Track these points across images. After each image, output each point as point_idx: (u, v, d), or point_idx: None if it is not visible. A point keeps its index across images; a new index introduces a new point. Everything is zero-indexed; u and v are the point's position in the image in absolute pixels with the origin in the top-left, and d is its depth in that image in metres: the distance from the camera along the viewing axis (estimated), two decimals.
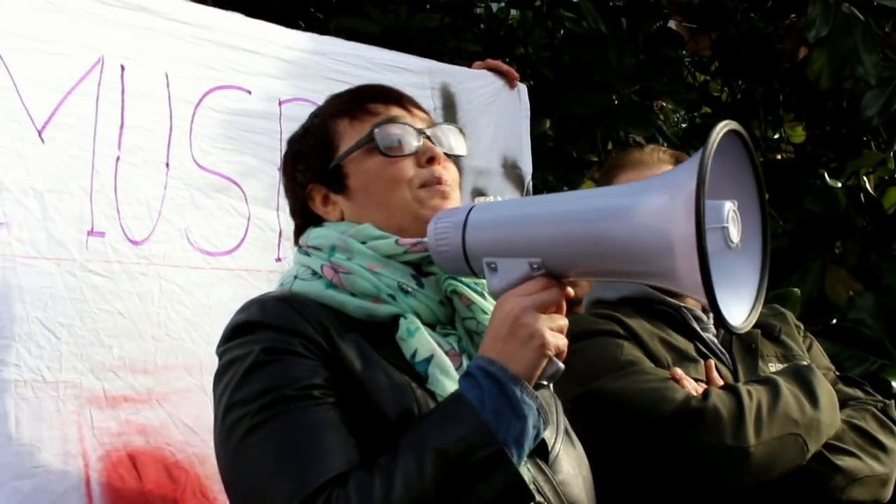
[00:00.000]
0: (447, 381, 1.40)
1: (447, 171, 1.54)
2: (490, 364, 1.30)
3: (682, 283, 1.23)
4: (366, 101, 1.57)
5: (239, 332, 1.40)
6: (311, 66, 2.27)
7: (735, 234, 1.26)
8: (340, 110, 1.58)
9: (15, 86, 1.72)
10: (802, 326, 2.26)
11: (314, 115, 1.64)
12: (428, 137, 1.55)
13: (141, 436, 1.79)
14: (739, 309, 1.30)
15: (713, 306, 1.20)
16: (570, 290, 1.36)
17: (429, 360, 1.41)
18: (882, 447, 1.95)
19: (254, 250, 2.07)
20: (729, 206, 1.24)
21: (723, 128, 1.23)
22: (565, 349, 1.33)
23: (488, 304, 1.50)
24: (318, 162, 1.55)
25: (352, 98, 1.61)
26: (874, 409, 2.03)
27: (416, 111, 1.59)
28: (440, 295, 1.50)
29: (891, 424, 2.01)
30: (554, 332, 1.31)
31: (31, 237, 1.71)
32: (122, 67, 1.90)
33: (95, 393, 1.75)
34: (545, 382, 1.36)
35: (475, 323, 1.48)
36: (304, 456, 1.27)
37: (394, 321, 1.44)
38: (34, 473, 1.64)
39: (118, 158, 1.87)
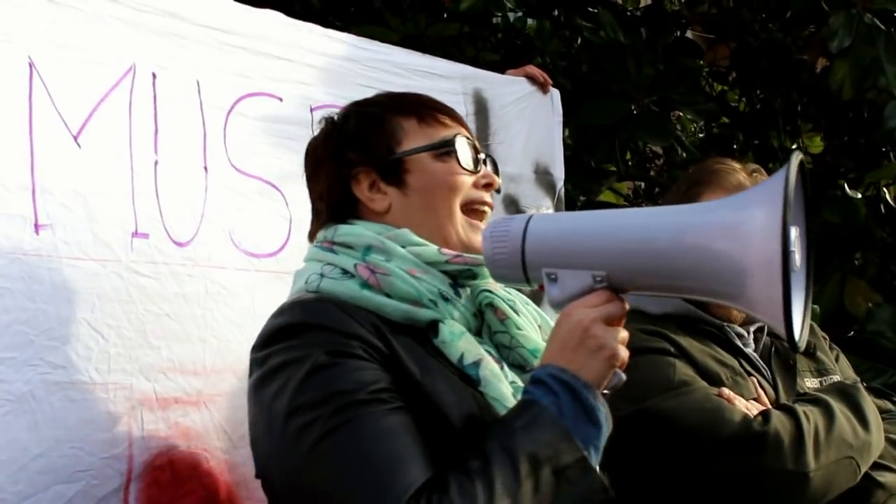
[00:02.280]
0: (500, 385, 1.41)
1: (492, 200, 1.58)
2: (561, 372, 1.32)
3: (755, 305, 1.25)
4: (434, 109, 1.58)
5: (285, 335, 1.37)
6: (343, 73, 2.26)
7: (798, 259, 1.26)
8: (406, 109, 1.58)
9: (48, 93, 1.71)
10: (828, 337, 2.25)
11: (365, 104, 1.62)
12: (484, 163, 1.58)
13: (184, 439, 1.78)
14: (795, 328, 1.30)
15: (789, 330, 1.20)
16: (627, 304, 1.38)
17: (477, 363, 1.42)
18: None
19: (297, 253, 2.01)
20: (795, 232, 1.24)
21: (797, 156, 1.26)
22: (627, 361, 1.36)
23: (521, 321, 1.53)
24: (377, 148, 1.54)
25: (418, 102, 1.61)
26: None
27: (474, 138, 1.62)
28: (473, 307, 1.51)
29: None
30: (619, 343, 1.34)
31: (76, 238, 1.69)
32: (154, 75, 1.88)
33: (147, 394, 1.73)
34: (606, 392, 1.36)
35: (508, 338, 1.50)
36: (391, 460, 1.26)
37: (430, 326, 1.44)
38: (79, 478, 1.62)
39: (156, 162, 1.86)
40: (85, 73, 1.77)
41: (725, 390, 1.88)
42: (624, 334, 1.36)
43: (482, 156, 1.59)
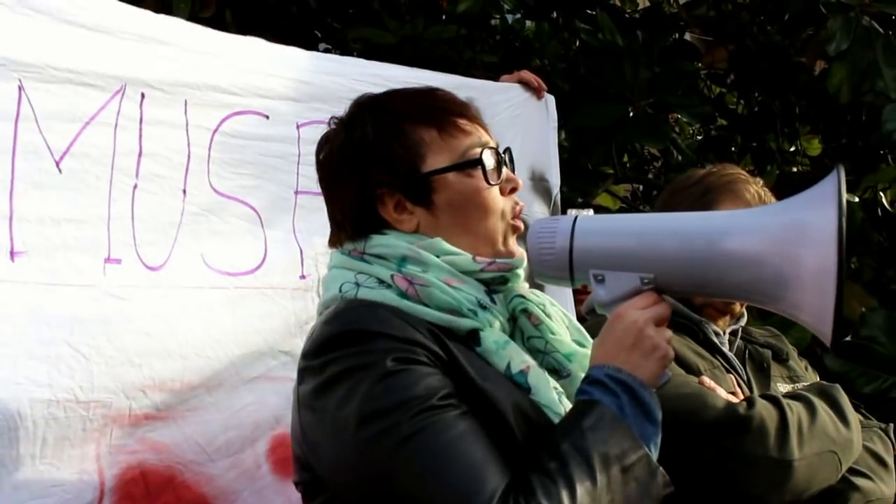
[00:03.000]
0: (550, 392, 1.45)
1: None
2: (618, 372, 1.37)
3: (802, 309, 1.31)
4: (453, 114, 1.54)
5: (344, 342, 1.36)
6: (330, 88, 2.26)
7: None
8: (425, 117, 1.52)
9: (35, 117, 1.73)
10: (796, 350, 2.26)
11: (378, 111, 1.54)
12: (505, 163, 1.55)
13: (155, 453, 1.81)
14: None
15: (835, 337, 1.27)
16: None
17: (525, 371, 1.44)
18: (888, 469, 1.96)
19: (277, 269, 2.08)
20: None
21: (842, 168, 1.31)
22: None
23: (555, 325, 1.54)
24: (400, 166, 1.49)
25: (436, 106, 1.55)
26: (879, 431, 2.04)
27: (488, 131, 1.58)
28: (507, 313, 1.52)
29: (891, 447, 2.02)
30: (668, 344, 1.40)
31: (51, 265, 1.72)
32: (143, 95, 1.90)
33: (121, 412, 1.77)
34: (655, 390, 1.42)
35: (543, 342, 1.52)
36: (474, 463, 1.28)
37: (469, 335, 1.45)
38: (51, 493, 1.66)
39: (135, 186, 1.89)
40: (76, 94, 1.79)
41: (706, 379, 1.88)
42: (670, 334, 1.41)
43: (503, 156, 1.55)
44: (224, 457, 1.92)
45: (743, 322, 2.13)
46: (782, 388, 2.05)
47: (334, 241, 1.56)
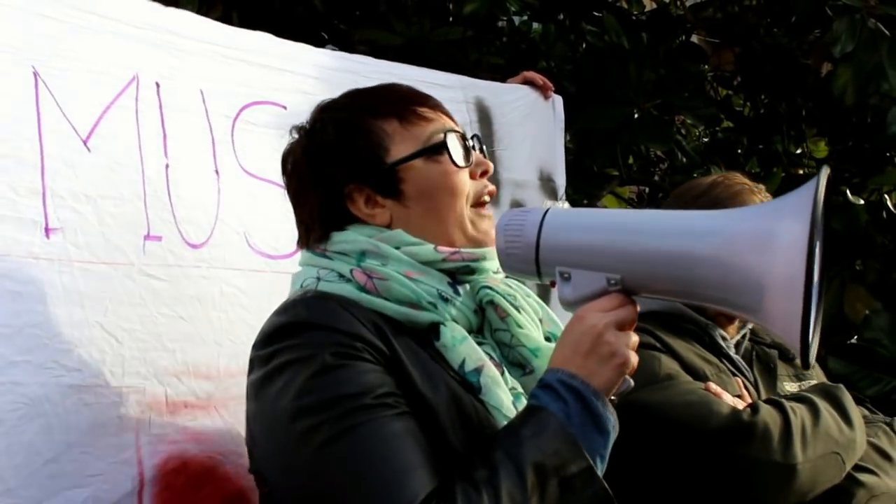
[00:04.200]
0: (500, 393, 1.40)
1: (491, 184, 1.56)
2: (571, 378, 1.31)
3: (772, 320, 1.24)
4: (413, 104, 1.54)
5: (289, 333, 1.36)
6: (343, 83, 2.22)
7: (816, 275, 1.23)
8: (385, 110, 1.53)
9: (55, 100, 1.71)
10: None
11: (337, 110, 1.56)
12: (474, 148, 1.54)
13: (196, 443, 1.77)
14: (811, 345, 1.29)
15: (804, 347, 1.20)
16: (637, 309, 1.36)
17: (479, 370, 1.41)
18: (893, 463, 1.99)
19: None
20: (818, 247, 1.22)
21: (826, 171, 1.25)
22: (636, 366, 1.35)
23: (522, 318, 1.51)
24: (365, 162, 1.50)
25: (395, 98, 1.56)
26: (883, 426, 2.07)
27: (453, 119, 1.58)
28: (474, 304, 1.49)
29: None
30: (630, 350, 1.33)
31: (87, 241, 1.69)
32: (158, 85, 1.89)
33: (157, 398, 1.73)
34: (614, 398, 1.36)
35: (508, 336, 1.49)
36: (398, 468, 1.25)
37: (430, 328, 1.43)
38: (89, 482, 1.62)
39: (167, 165, 1.86)
40: (89, 82, 1.78)
41: (712, 385, 1.89)
42: (635, 339, 1.35)
43: (470, 142, 1.55)
44: None
45: (751, 325, 2.14)
46: (789, 386, 2.09)
47: (303, 242, 1.56)
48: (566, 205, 1.47)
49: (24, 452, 1.54)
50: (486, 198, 1.54)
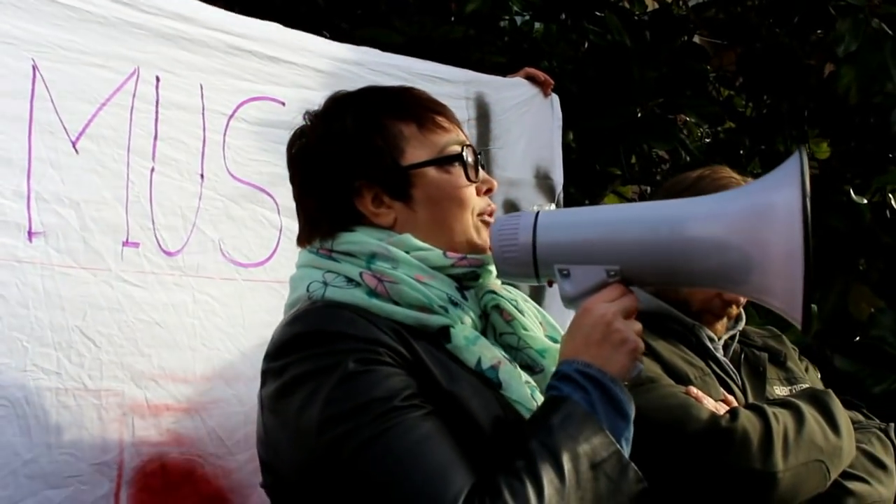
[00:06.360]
0: (521, 387, 1.42)
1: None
2: (588, 367, 1.35)
3: (772, 293, 1.28)
4: (432, 111, 1.55)
5: (305, 344, 1.35)
6: (348, 77, 2.26)
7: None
8: (404, 112, 1.53)
9: (50, 97, 1.73)
10: (798, 349, 2.25)
11: (354, 105, 1.54)
12: (482, 165, 1.57)
13: (176, 445, 1.80)
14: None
15: (806, 319, 1.24)
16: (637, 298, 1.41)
17: (496, 367, 1.43)
18: (886, 471, 1.95)
19: (285, 262, 2.05)
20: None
21: (804, 147, 1.30)
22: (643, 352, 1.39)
23: (527, 321, 1.52)
24: (380, 160, 1.49)
25: (414, 103, 1.56)
26: (878, 432, 2.03)
27: (466, 134, 1.59)
28: (479, 309, 1.51)
29: (891, 447, 2.01)
30: (638, 336, 1.38)
31: (67, 246, 1.72)
32: (158, 79, 1.90)
33: (138, 401, 1.75)
34: (627, 383, 1.40)
35: (515, 339, 1.50)
36: (438, 465, 1.26)
37: (441, 332, 1.44)
38: (68, 483, 1.65)
39: (153, 169, 1.88)
40: (88, 75, 1.79)
41: (693, 389, 1.88)
42: (639, 326, 1.40)
43: (480, 159, 1.57)
44: (243, 450, 1.91)
45: (741, 325, 2.12)
46: (779, 391, 2.05)
47: (304, 240, 1.55)
48: (552, 206, 1.50)
49: (3, 453, 1.57)
50: (488, 218, 1.54)
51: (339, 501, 1.30)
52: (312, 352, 1.34)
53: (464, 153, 1.51)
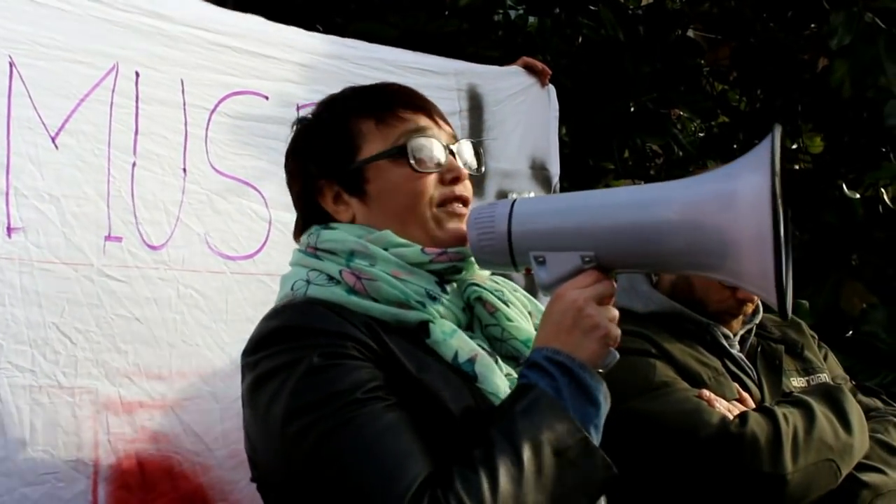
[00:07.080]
0: (496, 379, 1.41)
1: (468, 190, 1.55)
2: (556, 354, 1.33)
3: (746, 276, 1.26)
4: (395, 105, 1.54)
5: (277, 339, 1.37)
6: (331, 71, 2.25)
7: (782, 231, 1.24)
8: (366, 110, 1.54)
9: (28, 93, 1.73)
10: (816, 336, 2.25)
11: (329, 106, 1.59)
12: (452, 153, 1.54)
13: (153, 443, 1.79)
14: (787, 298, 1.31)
15: (781, 301, 1.22)
16: (614, 283, 1.39)
17: (472, 360, 1.42)
18: None
19: (276, 254, 2.06)
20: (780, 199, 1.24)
21: (779, 127, 1.26)
22: (619, 339, 1.37)
23: (511, 311, 1.52)
24: (336, 159, 1.51)
25: (380, 99, 1.56)
26: (894, 420, 2.04)
27: (441, 122, 1.57)
28: (462, 302, 1.50)
29: None
30: (611, 322, 1.35)
31: (48, 242, 1.71)
32: (137, 74, 1.90)
33: (111, 399, 1.75)
34: (601, 371, 1.38)
35: (499, 330, 1.50)
36: (394, 456, 1.26)
37: (420, 327, 1.44)
38: (44, 480, 1.65)
39: (134, 164, 1.88)
40: (67, 71, 1.79)
41: (706, 392, 1.88)
42: (614, 313, 1.37)
43: (455, 146, 1.54)
44: (222, 447, 1.91)
45: (758, 318, 2.12)
46: (796, 382, 2.06)
47: (296, 236, 1.58)
48: (531, 194, 1.49)
49: None
50: (459, 207, 1.52)
51: (306, 492, 1.31)
52: (282, 346, 1.35)
53: (408, 143, 1.49)
